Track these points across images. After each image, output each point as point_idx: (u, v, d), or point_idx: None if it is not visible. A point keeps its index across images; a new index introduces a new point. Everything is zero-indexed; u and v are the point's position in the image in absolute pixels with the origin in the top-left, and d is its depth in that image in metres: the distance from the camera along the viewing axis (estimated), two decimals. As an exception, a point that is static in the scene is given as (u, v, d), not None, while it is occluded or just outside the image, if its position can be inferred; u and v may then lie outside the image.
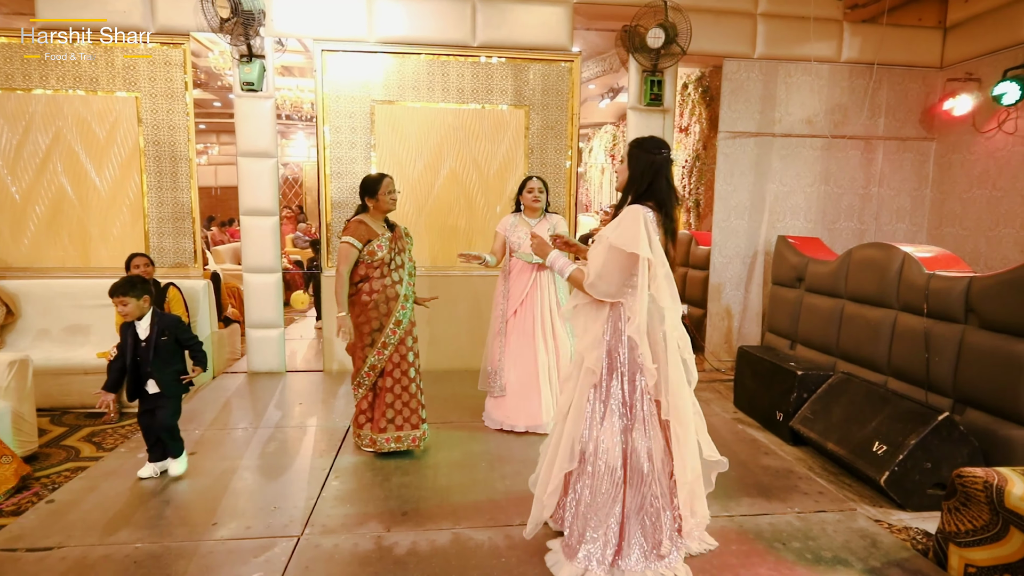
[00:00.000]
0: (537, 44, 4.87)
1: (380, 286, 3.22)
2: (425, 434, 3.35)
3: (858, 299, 3.97)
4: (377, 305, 3.21)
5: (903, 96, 5.33)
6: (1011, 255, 4.70)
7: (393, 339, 3.24)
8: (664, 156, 2.20)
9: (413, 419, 3.30)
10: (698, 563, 2.33)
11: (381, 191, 3.23)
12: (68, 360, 4.07)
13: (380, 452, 3.28)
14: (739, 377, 4.39)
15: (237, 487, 2.93)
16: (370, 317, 3.22)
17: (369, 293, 3.22)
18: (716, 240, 5.31)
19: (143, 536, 2.47)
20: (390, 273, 3.23)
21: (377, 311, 3.21)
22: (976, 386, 3.09)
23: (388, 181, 3.27)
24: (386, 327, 3.23)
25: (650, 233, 2.10)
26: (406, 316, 3.29)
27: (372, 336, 3.23)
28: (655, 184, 2.19)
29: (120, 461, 3.19)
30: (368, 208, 3.29)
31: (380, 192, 3.23)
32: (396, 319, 3.24)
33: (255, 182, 4.68)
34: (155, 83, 4.61)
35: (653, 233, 2.12)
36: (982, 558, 2.17)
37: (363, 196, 3.29)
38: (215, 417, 3.89)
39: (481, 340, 4.06)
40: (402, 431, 3.28)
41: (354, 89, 4.79)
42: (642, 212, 2.12)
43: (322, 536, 2.49)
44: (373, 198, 3.25)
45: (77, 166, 4.62)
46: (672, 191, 2.22)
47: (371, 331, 3.23)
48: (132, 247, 4.69)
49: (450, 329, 4.99)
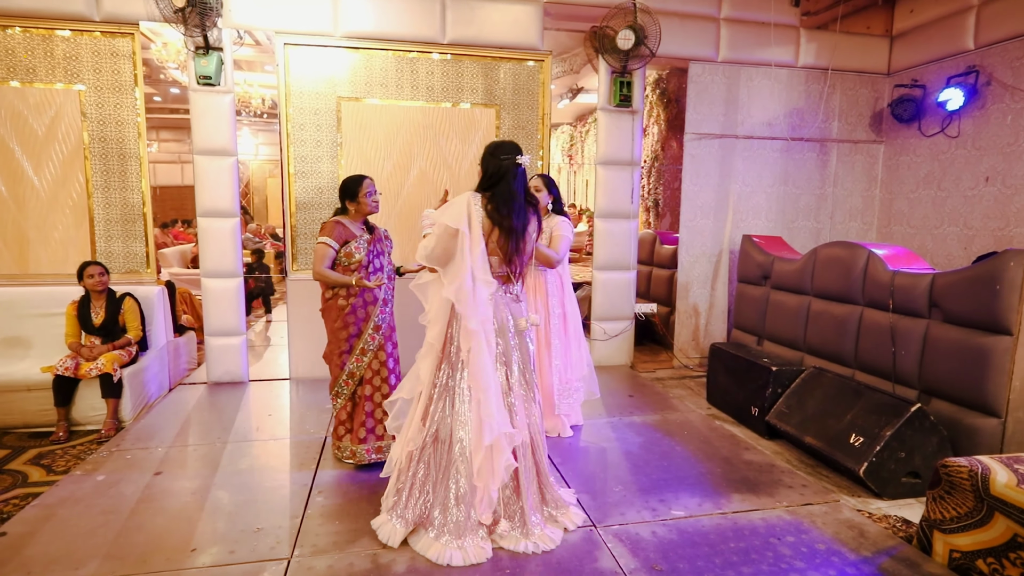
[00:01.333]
0: (507, 43, 4.81)
1: (357, 291, 3.11)
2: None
3: (824, 296, 4.12)
4: (355, 310, 3.11)
5: (854, 101, 5.58)
6: (955, 252, 5.01)
7: (372, 345, 3.14)
8: (510, 161, 2.45)
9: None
10: (702, 565, 2.34)
11: (361, 193, 3.13)
12: (8, 375, 3.73)
13: (361, 464, 3.16)
14: (711, 374, 4.48)
15: (213, 508, 2.74)
16: (347, 322, 3.12)
17: (346, 297, 3.11)
18: (683, 239, 5.41)
19: (115, 567, 2.27)
20: (368, 276, 3.12)
21: (355, 316, 3.11)
22: (941, 377, 3.26)
23: (368, 182, 3.16)
24: (364, 332, 3.13)
25: (471, 215, 2.39)
26: (385, 320, 3.19)
27: (350, 342, 3.12)
28: (498, 185, 2.45)
29: (76, 485, 2.94)
30: (348, 211, 3.18)
31: (360, 194, 3.13)
32: (375, 323, 3.15)
33: (213, 181, 4.42)
34: (100, 75, 4.29)
35: (475, 216, 2.40)
36: (966, 543, 2.28)
37: (343, 199, 3.18)
38: (178, 433, 3.65)
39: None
40: (383, 441, 3.17)
41: (319, 85, 4.60)
42: (468, 196, 2.44)
43: (314, 557, 2.36)
44: (354, 201, 3.14)
45: (12, 163, 4.24)
46: (511, 193, 2.44)
47: (348, 337, 3.12)
48: (76, 251, 4.36)
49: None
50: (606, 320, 5.26)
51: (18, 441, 3.63)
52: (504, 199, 2.44)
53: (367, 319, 3.13)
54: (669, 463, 3.29)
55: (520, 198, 2.47)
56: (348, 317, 3.11)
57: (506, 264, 2.49)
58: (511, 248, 2.46)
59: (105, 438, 3.62)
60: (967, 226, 4.91)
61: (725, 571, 2.31)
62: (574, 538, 2.52)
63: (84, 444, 3.59)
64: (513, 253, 2.47)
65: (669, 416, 4.05)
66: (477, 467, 2.35)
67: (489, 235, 2.45)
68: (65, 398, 3.69)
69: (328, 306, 3.16)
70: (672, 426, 3.87)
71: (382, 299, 3.18)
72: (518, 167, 2.47)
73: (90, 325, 3.88)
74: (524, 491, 2.47)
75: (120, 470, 3.11)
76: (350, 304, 3.10)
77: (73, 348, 3.82)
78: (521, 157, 2.47)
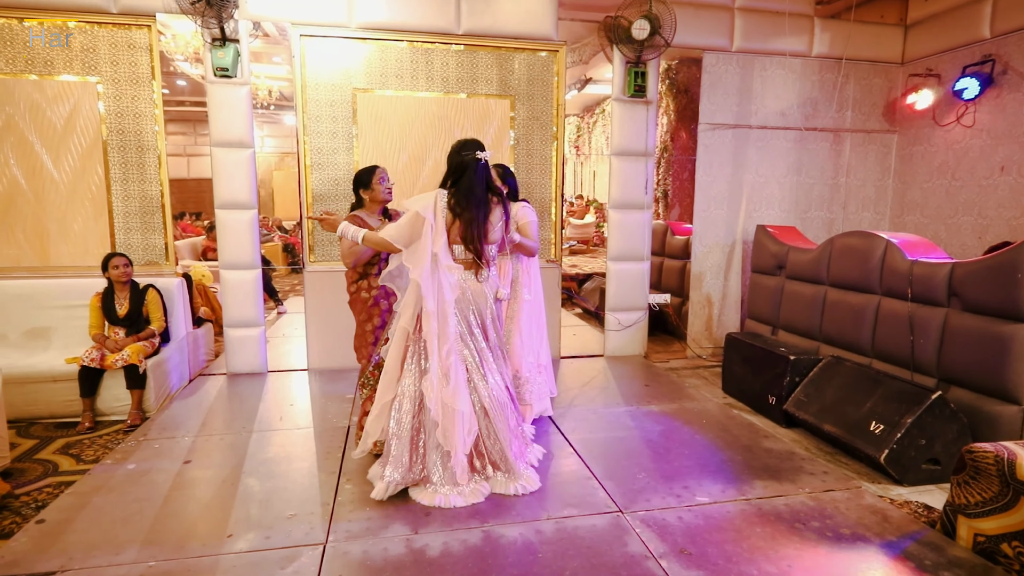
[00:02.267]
0: (522, 33, 4.81)
1: (379, 282, 3.13)
2: None
3: (841, 285, 4.14)
4: (377, 301, 3.13)
5: (868, 90, 5.57)
6: (969, 241, 5.02)
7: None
8: (470, 156, 2.68)
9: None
10: (731, 549, 2.38)
11: (374, 181, 3.16)
12: (33, 367, 3.77)
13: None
14: (727, 363, 4.51)
15: (244, 495, 2.79)
16: (371, 314, 3.15)
17: (368, 290, 3.14)
18: (696, 230, 5.42)
19: (154, 553, 2.32)
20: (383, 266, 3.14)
21: (378, 307, 3.14)
22: (960, 366, 3.28)
23: (380, 170, 3.20)
24: (390, 323, 3.14)
25: (436, 207, 2.64)
26: None
27: (375, 334, 3.15)
28: (460, 179, 2.69)
29: (109, 473, 2.98)
30: (364, 202, 3.20)
31: (373, 182, 3.16)
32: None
33: (231, 174, 4.43)
34: (118, 67, 4.29)
35: (440, 208, 2.65)
36: (991, 527, 2.31)
37: (357, 189, 3.21)
38: (202, 422, 3.69)
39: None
40: None
41: (334, 76, 4.61)
42: (437, 191, 2.69)
43: (348, 542, 2.40)
44: (368, 189, 3.17)
45: (32, 156, 4.25)
46: (471, 185, 2.66)
47: (374, 328, 3.15)
48: (96, 244, 4.39)
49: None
50: (620, 311, 5.28)
51: (45, 431, 3.67)
52: (465, 192, 2.66)
53: (391, 310, 3.15)
54: (690, 451, 3.33)
55: (480, 190, 2.69)
56: (372, 309, 3.13)
57: (471, 252, 2.73)
58: (472, 236, 2.69)
59: (131, 428, 3.67)
60: (981, 215, 4.92)
61: (753, 555, 2.35)
62: (603, 523, 2.56)
63: (110, 434, 3.63)
64: (475, 240, 2.70)
65: (686, 405, 4.08)
66: (442, 436, 2.69)
67: (451, 226, 2.69)
68: (91, 389, 3.74)
69: (354, 299, 3.19)
70: (690, 415, 3.90)
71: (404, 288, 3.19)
72: (478, 161, 2.69)
73: (114, 316, 3.92)
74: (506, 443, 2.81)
75: (150, 459, 3.16)
76: (372, 296, 3.13)
77: (97, 339, 3.86)
78: (481, 152, 2.70)
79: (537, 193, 5.06)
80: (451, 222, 2.68)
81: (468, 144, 2.73)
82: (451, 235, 2.70)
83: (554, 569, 2.24)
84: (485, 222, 2.72)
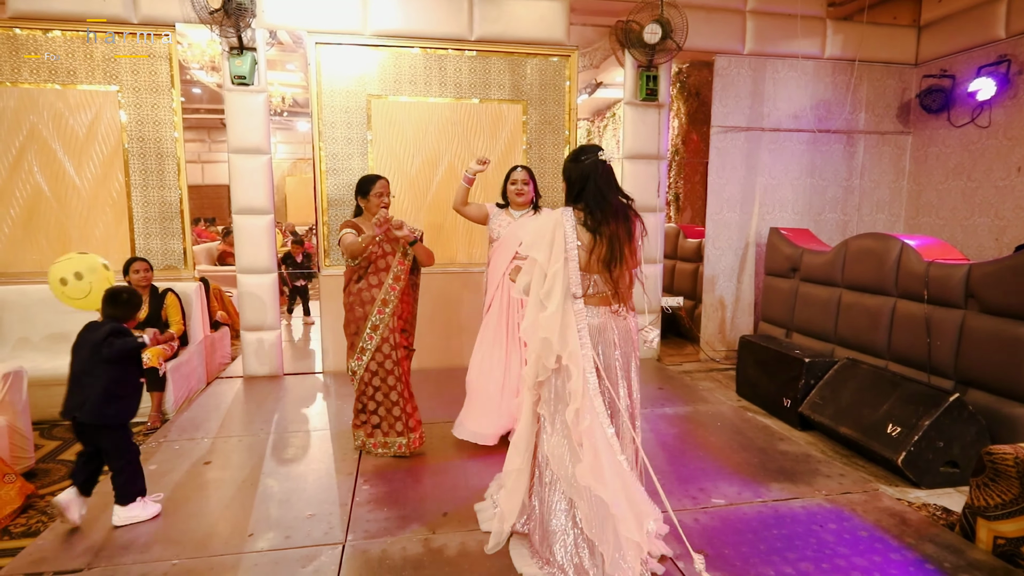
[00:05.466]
0: (534, 39, 4.85)
1: (356, 290, 3.15)
2: (418, 441, 3.24)
3: (856, 287, 4.12)
4: (353, 308, 3.15)
5: (882, 92, 5.55)
6: (985, 243, 4.97)
7: (370, 345, 3.12)
8: (591, 160, 2.19)
9: (397, 426, 3.20)
10: (748, 551, 2.38)
11: (372, 192, 3.15)
12: (57, 370, 3.82)
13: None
14: (741, 366, 4.50)
15: (264, 496, 2.83)
16: (348, 320, 3.17)
17: (347, 296, 3.18)
18: (709, 233, 5.42)
19: (177, 552, 2.36)
20: (367, 276, 3.13)
21: (353, 314, 3.15)
22: (978, 368, 3.26)
23: (382, 184, 3.17)
24: (363, 331, 3.13)
25: (555, 234, 2.14)
26: (383, 321, 3.12)
27: (352, 339, 3.18)
28: (584, 189, 2.19)
29: (131, 474, 3.03)
30: (362, 210, 3.24)
31: (372, 194, 3.16)
32: (372, 323, 3.11)
33: (248, 180, 4.51)
34: (138, 76, 4.39)
35: (567, 233, 2.13)
36: (1011, 530, 2.29)
37: (356, 195, 3.23)
38: (220, 424, 3.75)
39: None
40: (388, 437, 3.22)
41: (349, 83, 4.67)
42: (560, 210, 2.17)
43: (367, 541, 2.43)
44: (364, 198, 3.18)
45: (54, 163, 4.35)
46: (599, 193, 2.17)
47: (351, 334, 3.17)
48: (117, 249, 4.47)
49: (453, 325, 4.94)
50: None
51: (67, 433, 3.74)
52: (596, 205, 2.16)
53: (364, 318, 3.12)
54: (705, 453, 3.33)
55: (613, 197, 2.20)
56: (348, 315, 3.17)
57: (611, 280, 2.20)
58: (615, 257, 2.16)
59: (151, 430, 3.72)
60: (998, 217, 4.88)
61: (770, 557, 2.34)
62: (618, 525, 2.57)
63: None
64: (617, 263, 2.17)
65: (700, 408, 4.08)
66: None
67: (592, 249, 2.15)
68: (112, 391, 3.79)
69: (344, 295, 3.24)
70: (704, 417, 3.90)
71: (380, 300, 3.12)
72: (603, 163, 2.20)
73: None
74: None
75: (170, 460, 3.21)
76: (349, 303, 3.16)
77: (117, 343, 3.92)
78: (603, 153, 2.21)
79: (549, 198, 5.08)
80: (591, 242, 2.15)
81: (585, 149, 2.24)
82: (591, 262, 2.17)
83: (571, 569, 2.25)
84: (630, 239, 2.20)
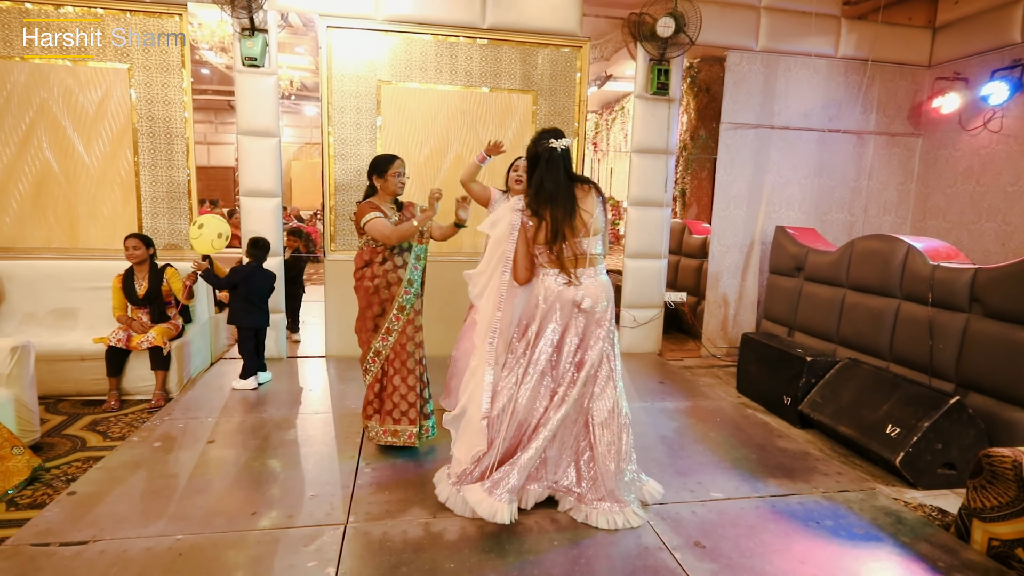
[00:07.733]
0: (546, 28, 4.83)
1: (382, 271, 3.08)
2: (429, 431, 3.21)
3: (860, 288, 4.13)
4: (378, 290, 3.09)
5: (894, 93, 5.52)
6: (992, 248, 4.97)
7: (397, 325, 3.10)
8: (543, 147, 2.46)
9: (411, 413, 3.13)
10: (744, 544, 2.41)
11: (391, 172, 3.09)
12: (62, 345, 3.87)
13: (380, 444, 3.16)
14: (742, 363, 4.52)
15: (267, 476, 2.86)
16: (371, 302, 3.08)
17: (371, 279, 3.07)
18: (715, 229, 5.42)
19: (182, 528, 2.39)
20: (392, 257, 3.09)
21: (378, 296, 3.09)
22: (980, 371, 3.27)
23: (399, 163, 3.13)
24: (388, 312, 3.10)
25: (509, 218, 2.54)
26: (409, 302, 3.12)
27: (375, 321, 3.12)
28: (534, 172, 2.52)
29: (137, 451, 3.07)
30: (376, 189, 3.16)
31: (389, 173, 3.09)
32: (399, 304, 3.09)
33: (256, 162, 4.51)
34: (148, 55, 4.38)
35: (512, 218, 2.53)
36: (1007, 532, 2.32)
37: (371, 175, 3.14)
38: (224, 404, 3.78)
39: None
40: (399, 425, 3.13)
41: (359, 68, 4.66)
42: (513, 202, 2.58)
43: (368, 523, 2.46)
44: (381, 177, 3.10)
45: (64, 140, 4.36)
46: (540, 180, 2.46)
47: (374, 316, 3.10)
48: (124, 227, 4.48)
49: (459, 314, 4.95)
50: (635, 307, 5.30)
51: (72, 408, 3.78)
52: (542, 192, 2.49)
53: (391, 299, 3.09)
54: (704, 447, 3.35)
55: (551, 181, 2.48)
56: (372, 297, 3.09)
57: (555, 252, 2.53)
58: (552, 236, 2.50)
59: (155, 408, 3.76)
60: (1005, 222, 4.87)
61: (765, 551, 2.37)
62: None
63: (135, 413, 3.73)
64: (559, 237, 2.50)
65: (700, 403, 4.10)
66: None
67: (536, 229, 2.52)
68: (117, 368, 3.83)
69: (357, 285, 3.16)
70: (704, 413, 3.92)
71: (407, 280, 3.11)
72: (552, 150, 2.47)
73: (134, 296, 3.99)
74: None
75: (175, 437, 3.25)
76: (374, 285, 3.09)
77: (121, 320, 3.94)
78: (556, 140, 2.47)
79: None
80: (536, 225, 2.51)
81: (543, 134, 2.53)
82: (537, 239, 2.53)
83: (569, 556, 2.29)
84: (572, 218, 2.49)
